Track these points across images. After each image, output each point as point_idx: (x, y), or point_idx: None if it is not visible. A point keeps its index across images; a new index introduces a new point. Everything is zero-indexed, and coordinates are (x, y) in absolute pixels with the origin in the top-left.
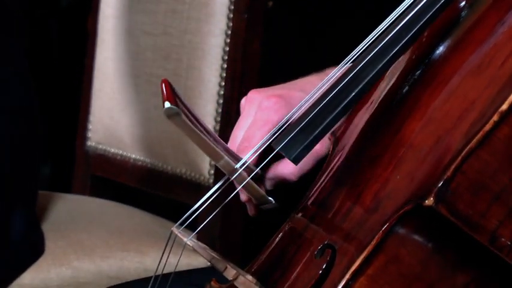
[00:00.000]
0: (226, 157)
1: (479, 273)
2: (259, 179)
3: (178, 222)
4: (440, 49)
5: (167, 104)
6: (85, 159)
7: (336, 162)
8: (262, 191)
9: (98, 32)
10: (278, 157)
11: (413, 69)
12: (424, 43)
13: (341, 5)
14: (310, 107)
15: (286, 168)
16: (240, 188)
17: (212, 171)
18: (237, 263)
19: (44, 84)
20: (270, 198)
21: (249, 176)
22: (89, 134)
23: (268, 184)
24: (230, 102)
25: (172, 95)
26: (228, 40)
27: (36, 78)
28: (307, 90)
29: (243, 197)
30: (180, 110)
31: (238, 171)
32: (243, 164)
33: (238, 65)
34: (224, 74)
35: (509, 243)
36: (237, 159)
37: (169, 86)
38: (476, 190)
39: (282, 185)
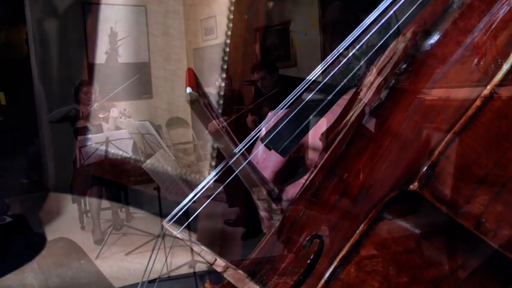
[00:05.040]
0: (231, 144)
1: (466, 259)
2: (277, 199)
3: (168, 217)
4: (426, 42)
5: (188, 90)
6: (85, 159)
7: (326, 158)
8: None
9: (98, 32)
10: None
11: (400, 63)
12: (412, 38)
13: (340, 4)
14: (294, 105)
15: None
16: (238, 170)
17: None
18: (236, 264)
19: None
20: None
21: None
22: (89, 135)
23: (285, 205)
24: (230, 103)
25: (195, 82)
26: (228, 41)
27: (37, 78)
28: None
29: (262, 214)
30: (200, 96)
31: (236, 156)
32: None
33: (238, 65)
34: (224, 75)
35: (494, 227)
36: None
37: (193, 74)
38: (460, 175)
39: None
